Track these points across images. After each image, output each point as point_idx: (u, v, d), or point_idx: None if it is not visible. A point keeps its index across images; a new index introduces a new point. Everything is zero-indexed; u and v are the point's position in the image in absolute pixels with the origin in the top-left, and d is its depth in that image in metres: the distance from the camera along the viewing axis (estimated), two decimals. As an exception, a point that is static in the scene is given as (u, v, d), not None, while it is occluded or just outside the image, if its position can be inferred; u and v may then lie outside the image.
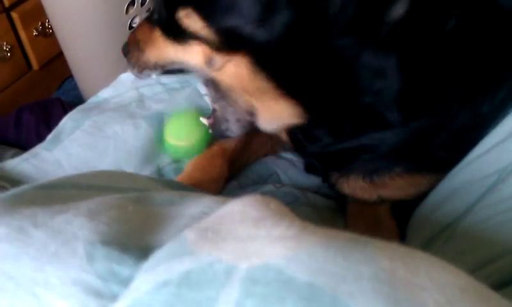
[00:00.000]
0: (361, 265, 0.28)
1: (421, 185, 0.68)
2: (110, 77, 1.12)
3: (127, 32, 1.16)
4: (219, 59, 0.63)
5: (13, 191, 0.45)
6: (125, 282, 0.32)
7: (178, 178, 0.81)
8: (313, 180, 0.83)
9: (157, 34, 0.71)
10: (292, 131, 0.71)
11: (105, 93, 1.02)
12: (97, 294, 0.32)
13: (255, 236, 0.31)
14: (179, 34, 0.66)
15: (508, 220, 0.51)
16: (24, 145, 1.06)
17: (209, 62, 0.65)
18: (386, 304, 0.26)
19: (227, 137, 0.78)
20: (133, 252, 0.34)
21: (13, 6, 1.24)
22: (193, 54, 0.66)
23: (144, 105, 1.00)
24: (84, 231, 0.36)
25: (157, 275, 0.30)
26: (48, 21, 1.26)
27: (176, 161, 0.88)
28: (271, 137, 0.88)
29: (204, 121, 0.78)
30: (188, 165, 0.82)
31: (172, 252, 0.32)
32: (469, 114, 0.61)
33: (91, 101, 1.02)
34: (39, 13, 1.23)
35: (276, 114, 0.65)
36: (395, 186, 0.68)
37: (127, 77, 1.07)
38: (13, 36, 1.25)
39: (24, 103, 1.19)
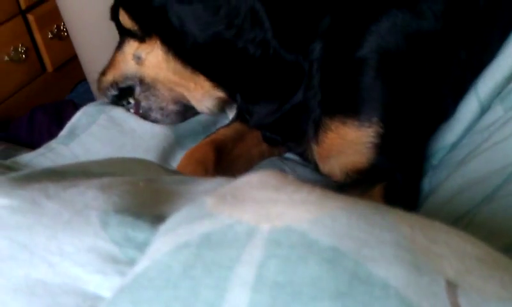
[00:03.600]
0: (383, 231, 0.28)
1: (354, 143, 0.68)
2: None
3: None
4: (142, 51, 0.83)
5: (24, 171, 0.45)
6: (141, 246, 0.31)
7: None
8: (323, 177, 0.81)
9: (115, 53, 0.91)
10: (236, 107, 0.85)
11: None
12: (113, 260, 0.32)
13: (276, 200, 0.30)
14: (121, 34, 0.88)
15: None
16: (36, 145, 1.06)
17: (137, 57, 0.85)
18: (408, 269, 0.26)
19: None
20: (147, 219, 0.33)
21: (29, 9, 1.26)
22: (129, 55, 0.86)
23: None
24: (97, 201, 0.35)
25: (176, 237, 0.29)
26: (64, 24, 1.28)
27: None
28: None
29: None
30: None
31: (191, 214, 0.31)
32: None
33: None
34: (55, 16, 1.25)
35: (200, 94, 0.80)
36: (334, 145, 0.69)
37: None
38: (29, 38, 1.27)
39: (37, 105, 1.20)
